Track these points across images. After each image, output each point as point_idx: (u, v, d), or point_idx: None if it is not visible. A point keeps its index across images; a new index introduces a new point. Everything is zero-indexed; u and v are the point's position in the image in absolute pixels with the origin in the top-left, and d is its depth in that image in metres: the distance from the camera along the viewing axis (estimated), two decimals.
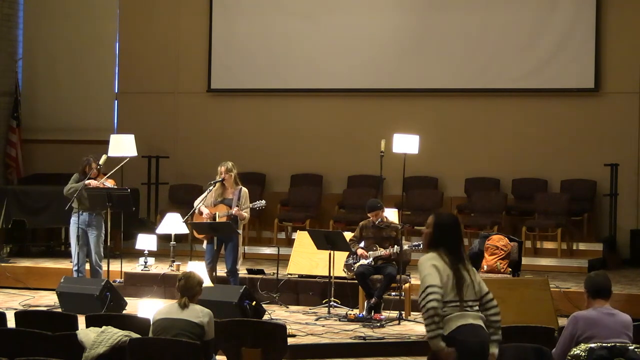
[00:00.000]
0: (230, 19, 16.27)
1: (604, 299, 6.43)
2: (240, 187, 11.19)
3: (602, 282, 6.51)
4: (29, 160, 17.19)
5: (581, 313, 6.44)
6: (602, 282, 6.51)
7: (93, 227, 11.47)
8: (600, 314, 6.37)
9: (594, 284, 6.49)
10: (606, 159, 14.35)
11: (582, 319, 6.37)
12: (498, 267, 10.89)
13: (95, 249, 11.46)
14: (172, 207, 14.40)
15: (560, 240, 13.77)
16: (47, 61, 17.39)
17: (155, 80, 16.61)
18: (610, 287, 6.53)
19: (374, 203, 10.93)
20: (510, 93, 15.13)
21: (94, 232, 11.46)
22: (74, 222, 11.46)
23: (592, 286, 6.48)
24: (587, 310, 6.43)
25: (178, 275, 7.37)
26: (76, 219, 11.42)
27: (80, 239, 11.40)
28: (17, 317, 8.07)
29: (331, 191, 15.70)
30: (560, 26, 14.77)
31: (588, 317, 6.37)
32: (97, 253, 11.48)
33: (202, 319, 7.04)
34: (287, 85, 15.97)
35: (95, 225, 11.46)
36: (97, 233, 11.47)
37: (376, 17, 15.57)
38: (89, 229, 11.47)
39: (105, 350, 7.21)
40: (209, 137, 16.24)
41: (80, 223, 11.42)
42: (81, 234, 11.42)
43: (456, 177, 15.13)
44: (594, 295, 6.45)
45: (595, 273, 6.69)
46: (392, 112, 15.38)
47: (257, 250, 14.39)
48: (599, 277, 6.57)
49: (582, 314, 6.42)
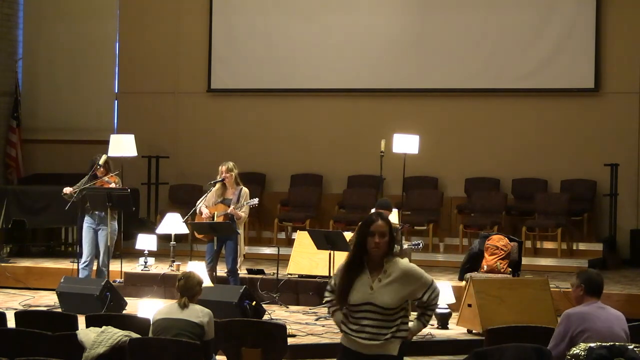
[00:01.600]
0: (230, 19, 16.27)
1: (597, 297, 6.49)
2: (241, 187, 11.19)
3: (599, 281, 6.58)
4: (29, 160, 17.19)
5: (573, 310, 6.49)
6: (599, 280, 6.58)
7: (103, 227, 11.48)
8: (592, 308, 6.43)
9: (592, 281, 6.52)
10: (606, 159, 14.35)
11: (575, 315, 6.43)
12: (498, 267, 10.89)
13: (103, 249, 11.47)
14: (172, 207, 14.40)
15: (560, 240, 13.77)
16: (47, 61, 17.39)
17: (155, 80, 16.61)
18: (603, 287, 6.60)
19: (387, 202, 10.89)
20: (510, 93, 15.13)
21: (103, 233, 11.48)
22: (86, 221, 11.50)
23: (591, 283, 6.52)
24: (579, 306, 6.49)
25: (178, 276, 7.37)
26: (88, 219, 11.47)
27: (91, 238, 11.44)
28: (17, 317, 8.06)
29: (331, 191, 15.70)
30: (560, 26, 14.77)
31: (580, 312, 6.43)
32: (105, 254, 11.48)
33: (202, 319, 7.04)
34: (287, 85, 15.98)
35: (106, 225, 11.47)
36: (107, 233, 11.48)
37: (376, 17, 15.57)
38: (99, 229, 11.49)
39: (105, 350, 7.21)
40: (209, 137, 16.24)
41: (91, 223, 11.47)
42: (92, 233, 11.46)
43: (456, 177, 15.13)
44: (590, 291, 6.50)
45: (593, 271, 6.75)
46: (392, 112, 15.38)
47: (257, 250, 14.38)
48: (598, 275, 6.62)
49: (574, 311, 6.48)
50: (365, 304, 5.53)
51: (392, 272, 5.57)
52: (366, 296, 5.53)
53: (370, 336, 5.53)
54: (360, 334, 5.55)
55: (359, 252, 5.62)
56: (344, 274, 5.62)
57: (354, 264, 5.62)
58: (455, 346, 9.62)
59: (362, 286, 5.55)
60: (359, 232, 5.66)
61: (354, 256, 5.64)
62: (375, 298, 5.52)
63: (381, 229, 5.56)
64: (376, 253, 5.57)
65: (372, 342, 5.53)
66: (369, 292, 5.53)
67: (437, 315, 10.24)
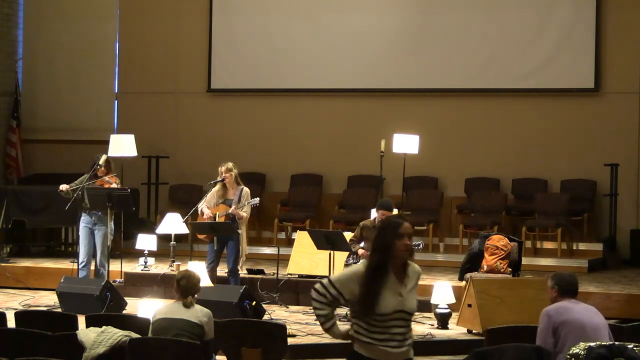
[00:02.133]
0: (230, 19, 16.27)
1: (572, 297, 6.65)
2: (241, 187, 11.19)
3: (572, 281, 6.75)
4: (29, 160, 17.19)
5: (549, 307, 6.64)
6: (572, 281, 6.75)
7: (100, 227, 11.46)
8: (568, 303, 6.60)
9: (566, 282, 6.70)
10: (606, 159, 14.35)
11: (552, 310, 6.59)
12: (498, 267, 10.89)
13: (100, 249, 11.46)
14: (172, 207, 14.39)
15: (560, 240, 13.77)
16: (47, 61, 17.39)
17: (155, 80, 16.61)
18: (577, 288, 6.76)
19: (388, 203, 10.88)
20: (510, 93, 15.13)
21: (100, 233, 11.46)
22: (82, 220, 11.49)
23: (565, 284, 6.69)
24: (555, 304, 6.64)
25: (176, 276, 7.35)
26: (84, 218, 11.46)
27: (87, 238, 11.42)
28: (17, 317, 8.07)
29: (331, 191, 15.70)
30: (560, 26, 14.77)
31: (556, 307, 6.60)
32: (102, 254, 11.47)
33: (202, 318, 7.04)
34: (287, 85, 15.98)
35: (102, 225, 11.45)
36: (103, 233, 11.46)
37: (376, 17, 15.57)
38: (95, 229, 11.48)
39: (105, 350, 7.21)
40: (209, 137, 16.23)
41: (87, 222, 11.45)
42: (88, 233, 11.45)
43: (456, 177, 15.13)
44: (563, 292, 6.65)
45: (566, 272, 6.98)
46: (392, 112, 15.38)
47: (257, 250, 14.38)
48: (571, 277, 6.81)
49: (551, 307, 6.63)
50: (396, 312, 5.25)
51: (411, 275, 5.37)
52: (397, 304, 5.24)
53: (398, 344, 5.27)
54: (389, 343, 5.25)
55: (385, 257, 5.28)
56: (370, 282, 5.22)
57: (381, 270, 5.26)
58: (455, 346, 9.61)
59: (389, 294, 5.24)
60: (383, 236, 5.33)
61: (380, 262, 5.27)
62: (405, 304, 5.27)
63: (410, 231, 5.31)
64: (406, 256, 5.31)
65: (400, 350, 5.28)
66: (398, 299, 5.25)
67: (437, 315, 10.25)
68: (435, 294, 10.37)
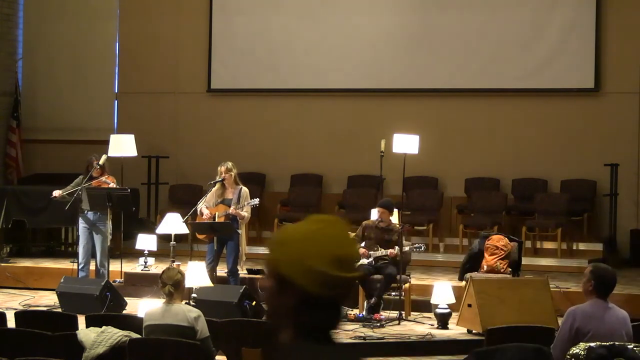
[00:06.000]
0: (230, 19, 16.27)
1: (605, 296, 6.45)
2: (240, 187, 11.19)
3: (612, 282, 6.50)
4: (29, 160, 17.18)
5: (578, 307, 6.48)
6: (612, 281, 6.50)
7: (98, 227, 11.47)
8: (598, 309, 6.41)
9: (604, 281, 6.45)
10: (606, 159, 14.35)
11: (580, 313, 6.43)
12: (498, 267, 10.89)
13: (100, 249, 11.46)
14: (172, 207, 14.38)
15: (560, 240, 13.77)
16: (47, 61, 17.39)
17: (155, 80, 16.60)
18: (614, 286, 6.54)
19: (389, 203, 10.86)
20: (510, 93, 15.13)
21: (99, 233, 11.47)
22: (81, 221, 11.49)
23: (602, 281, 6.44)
24: (584, 304, 6.46)
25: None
26: (83, 219, 11.46)
27: (86, 239, 11.43)
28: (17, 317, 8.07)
29: (331, 191, 15.70)
30: (560, 26, 14.77)
31: (585, 311, 6.42)
32: (102, 254, 11.47)
33: (190, 319, 7.02)
34: (287, 85, 15.97)
35: (101, 225, 11.45)
36: (102, 233, 11.46)
37: (376, 17, 15.57)
38: (94, 229, 11.48)
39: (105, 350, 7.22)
40: (209, 137, 16.23)
41: (85, 223, 11.46)
42: (88, 234, 11.45)
43: (456, 177, 15.13)
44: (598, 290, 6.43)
45: (608, 268, 6.62)
46: (392, 112, 15.38)
47: (257, 250, 14.35)
48: (611, 275, 6.52)
49: (579, 308, 6.48)
50: None
51: None
52: None
53: None
54: None
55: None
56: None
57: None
58: (455, 346, 9.61)
59: None
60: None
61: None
62: None
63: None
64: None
65: None
66: None
67: (437, 315, 10.26)
68: (435, 294, 10.37)
